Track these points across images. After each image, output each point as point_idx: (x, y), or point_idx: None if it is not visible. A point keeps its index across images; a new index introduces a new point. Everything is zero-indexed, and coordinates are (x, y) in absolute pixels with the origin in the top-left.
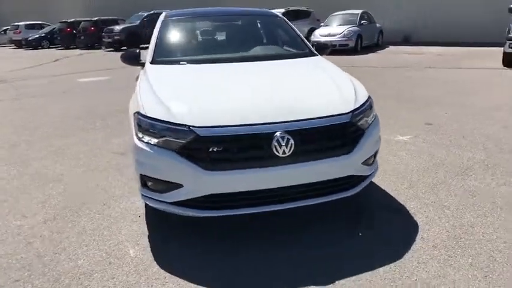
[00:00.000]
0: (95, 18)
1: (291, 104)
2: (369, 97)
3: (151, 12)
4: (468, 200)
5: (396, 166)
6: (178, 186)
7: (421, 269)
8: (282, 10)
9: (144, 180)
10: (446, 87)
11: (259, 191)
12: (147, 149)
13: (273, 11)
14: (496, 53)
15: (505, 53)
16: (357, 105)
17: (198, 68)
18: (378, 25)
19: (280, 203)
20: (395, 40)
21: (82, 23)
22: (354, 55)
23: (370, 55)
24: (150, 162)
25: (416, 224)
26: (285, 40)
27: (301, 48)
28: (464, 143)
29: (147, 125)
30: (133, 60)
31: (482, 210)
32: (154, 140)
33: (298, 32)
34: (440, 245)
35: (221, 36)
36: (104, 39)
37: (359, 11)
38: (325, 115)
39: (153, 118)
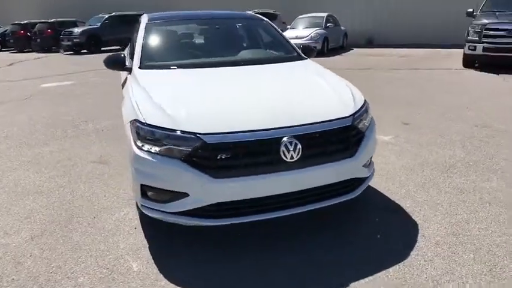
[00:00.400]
0: (52, 20)
1: (294, 109)
2: (365, 100)
3: (113, 14)
4: (458, 197)
5: (384, 166)
6: (183, 195)
7: (428, 267)
8: (325, 15)
9: (144, 190)
10: (413, 87)
11: (267, 197)
12: (149, 157)
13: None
14: (457, 54)
15: (465, 55)
16: (356, 109)
17: (191, 72)
18: (342, 28)
19: (287, 208)
20: (359, 43)
21: (37, 25)
22: (321, 57)
23: (337, 57)
24: (152, 172)
25: (415, 222)
26: (273, 43)
27: (289, 52)
28: (442, 141)
29: (147, 133)
30: (119, 65)
31: (473, 206)
32: (156, 149)
33: (285, 35)
34: (441, 242)
35: (208, 40)
36: (62, 42)
37: (324, 14)
38: (329, 119)
39: (155, 126)
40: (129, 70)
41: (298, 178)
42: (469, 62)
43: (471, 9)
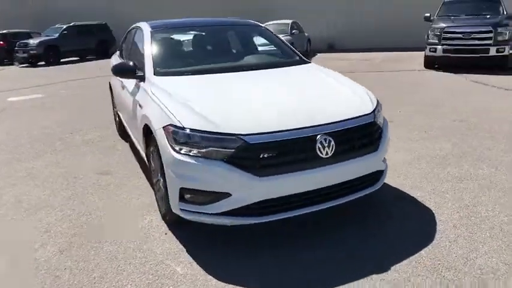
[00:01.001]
0: (3, 31)
1: (323, 108)
2: (377, 99)
3: (72, 24)
4: (459, 185)
5: None
6: (225, 195)
7: (454, 247)
8: None
9: (182, 194)
10: (383, 88)
11: (306, 193)
12: (190, 160)
13: None
14: (417, 56)
15: (426, 56)
16: (374, 106)
17: (210, 77)
18: (306, 34)
19: (323, 202)
20: (322, 48)
21: None
22: None
23: None
24: (194, 174)
25: (430, 209)
26: (277, 48)
27: (292, 56)
28: (429, 136)
29: (186, 136)
30: (129, 72)
31: (474, 192)
32: (196, 151)
33: (284, 40)
34: (458, 224)
35: (214, 46)
36: (17, 54)
37: (289, 21)
38: (355, 116)
39: (194, 129)
40: (141, 78)
41: (332, 173)
42: (430, 63)
43: (428, 14)
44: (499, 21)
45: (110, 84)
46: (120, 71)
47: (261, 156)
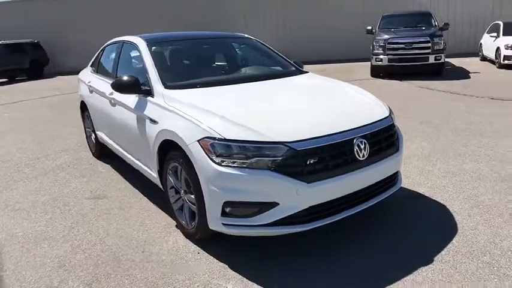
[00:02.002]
0: None
1: (350, 112)
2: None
3: (0, 43)
4: (454, 179)
5: None
6: (272, 205)
7: (478, 233)
8: None
9: (224, 208)
10: None
11: (347, 196)
12: (236, 172)
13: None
14: (363, 66)
15: (372, 66)
16: (388, 110)
17: (225, 89)
18: None
19: (360, 204)
20: None
21: None
22: None
23: None
24: (239, 186)
25: (440, 203)
26: (272, 60)
27: (288, 66)
28: (407, 137)
29: (228, 148)
30: (134, 87)
31: (471, 184)
32: (240, 162)
33: (277, 51)
34: (471, 213)
35: (213, 58)
36: None
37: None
38: (378, 119)
39: (238, 140)
40: (147, 92)
41: (367, 175)
42: (376, 72)
43: (370, 27)
44: (434, 32)
45: (82, 104)
46: (126, 86)
47: (307, 163)
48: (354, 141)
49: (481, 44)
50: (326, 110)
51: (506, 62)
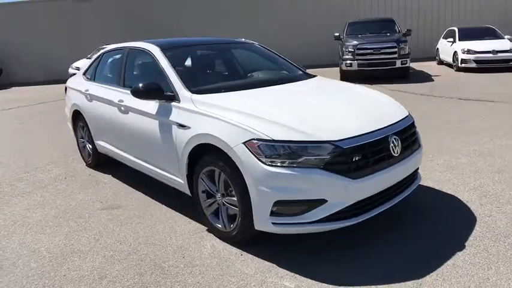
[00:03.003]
0: None
1: (379, 111)
2: None
3: None
4: (455, 172)
5: None
6: (320, 202)
7: (495, 219)
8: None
9: (272, 208)
10: None
11: (385, 190)
12: (287, 171)
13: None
14: (332, 71)
15: (342, 71)
16: (406, 110)
17: (252, 92)
18: None
19: (394, 198)
20: None
21: None
22: None
23: None
24: (290, 185)
25: (451, 195)
26: (280, 64)
27: (296, 70)
28: None
29: (277, 149)
30: (157, 93)
31: (471, 176)
32: (289, 162)
33: (281, 55)
34: (482, 202)
35: (226, 63)
36: None
37: (249, 41)
38: (403, 117)
39: (286, 140)
40: (170, 98)
41: (401, 169)
42: (346, 76)
43: (337, 34)
44: (400, 38)
45: (74, 113)
46: (145, 92)
47: (353, 160)
48: (389, 138)
49: (437, 48)
50: (356, 109)
51: (463, 65)
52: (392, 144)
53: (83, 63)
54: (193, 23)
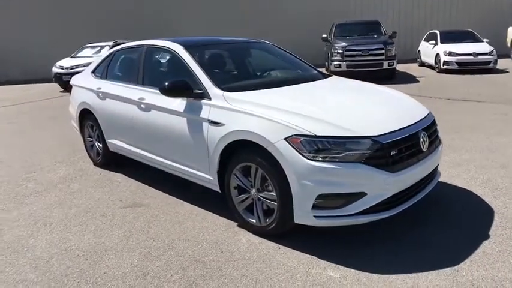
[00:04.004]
0: None
1: (403, 109)
2: None
3: None
4: (462, 168)
5: None
6: (360, 195)
7: (510, 207)
8: (111, 43)
9: (314, 201)
10: None
11: (415, 183)
12: (330, 166)
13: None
14: None
15: (331, 71)
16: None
17: (281, 90)
18: None
19: (422, 190)
20: None
21: None
22: None
23: None
24: (333, 179)
25: (465, 189)
26: (296, 63)
27: (311, 70)
28: None
29: (320, 144)
30: (188, 90)
31: (478, 172)
32: (331, 157)
33: (295, 55)
34: (495, 195)
35: (247, 62)
36: None
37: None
38: (426, 114)
39: (329, 136)
40: (199, 95)
41: (429, 163)
42: None
43: (325, 35)
44: (387, 40)
45: (82, 112)
46: (176, 90)
47: (391, 154)
48: (419, 133)
49: (419, 51)
50: (385, 106)
51: (445, 67)
52: (422, 140)
53: (67, 63)
54: (182, 21)
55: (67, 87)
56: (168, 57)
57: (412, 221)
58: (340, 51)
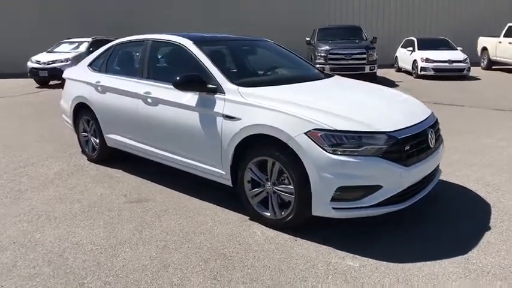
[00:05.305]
0: None
1: (410, 107)
2: None
3: None
4: (453, 167)
5: None
6: (376, 188)
7: (505, 204)
8: (90, 39)
9: (334, 194)
10: None
11: (423, 178)
12: (350, 159)
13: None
14: None
15: None
16: None
17: (293, 87)
18: None
19: (428, 185)
20: None
21: None
22: None
23: None
24: (352, 172)
25: (460, 185)
26: (298, 62)
27: (313, 69)
28: None
29: (340, 138)
30: (199, 85)
31: (470, 170)
32: (351, 151)
33: (297, 54)
34: (489, 191)
35: (254, 59)
36: None
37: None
38: (430, 113)
39: (349, 131)
40: (212, 90)
41: (435, 159)
42: None
43: (308, 39)
44: (368, 45)
45: (77, 107)
46: (188, 82)
47: (405, 149)
48: (427, 130)
49: (396, 56)
50: (394, 104)
51: (422, 72)
52: (430, 136)
53: (44, 57)
54: (162, 18)
55: (44, 83)
56: (175, 52)
57: (417, 215)
58: (324, 54)
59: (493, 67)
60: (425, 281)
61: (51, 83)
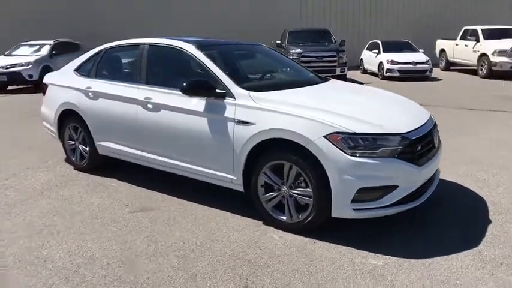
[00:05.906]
0: None
1: (412, 109)
2: None
3: None
4: (445, 162)
5: None
6: (393, 188)
7: (499, 199)
8: (51, 42)
9: (354, 195)
10: None
11: (432, 176)
12: (369, 161)
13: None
14: None
15: None
16: None
17: (299, 91)
18: None
19: (432, 184)
20: None
21: None
22: None
23: None
24: (372, 173)
25: (451, 182)
26: (294, 66)
27: (309, 72)
28: None
29: (359, 141)
30: (208, 90)
31: (455, 167)
32: (369, 152)
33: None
34: (479, 186)
35: (255, 64)
36: None
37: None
38: (430, 115)
39: (367, 133)
40: (221, 95)
41: (439, 158)
42: None
43: (279, 41)
44: (338, 48)
45: (63, 114)
46: (196, 87)
47: (417, 149)
48: (432, 131)
49: (361, 59)
50: (399, 107)
51: (388, 74)
52: (435, 137)
53: (2, 61)
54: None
55: (2, 88)
56: (177, 57)
57: (417, 215)
58: (296, 57)
59: (451, 68)
60: (447, 274)
61: (9, 88)
